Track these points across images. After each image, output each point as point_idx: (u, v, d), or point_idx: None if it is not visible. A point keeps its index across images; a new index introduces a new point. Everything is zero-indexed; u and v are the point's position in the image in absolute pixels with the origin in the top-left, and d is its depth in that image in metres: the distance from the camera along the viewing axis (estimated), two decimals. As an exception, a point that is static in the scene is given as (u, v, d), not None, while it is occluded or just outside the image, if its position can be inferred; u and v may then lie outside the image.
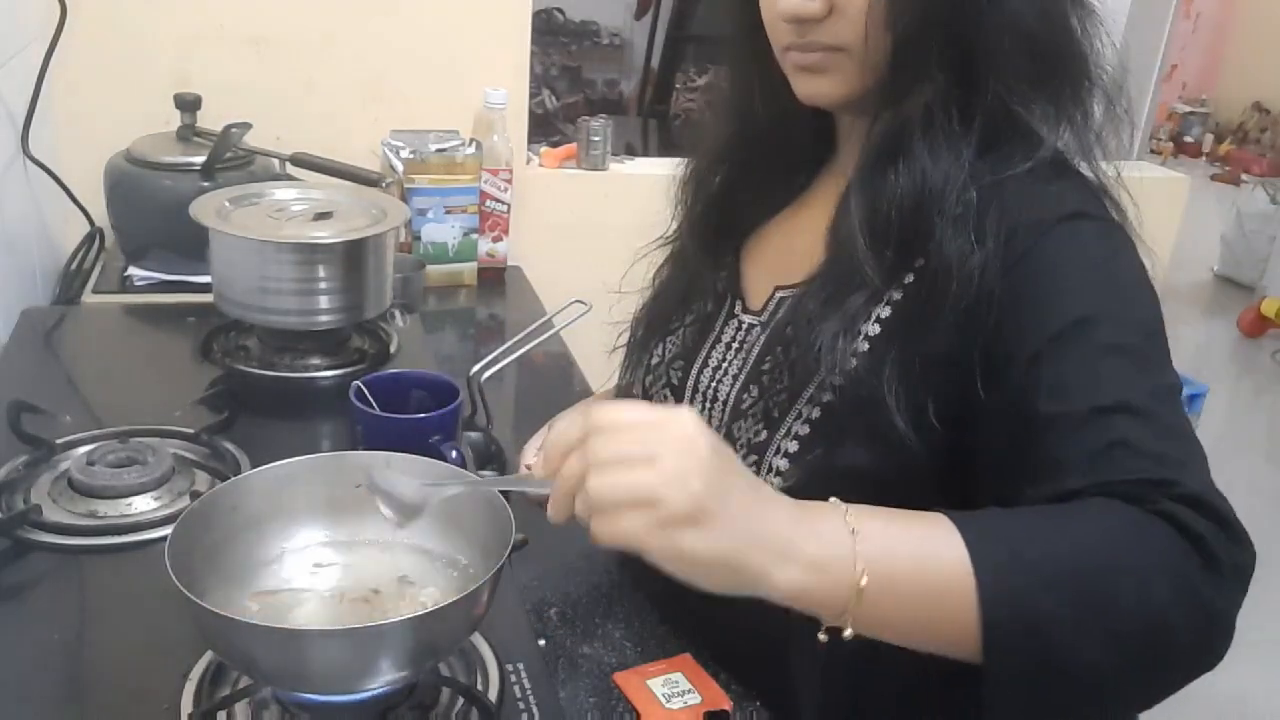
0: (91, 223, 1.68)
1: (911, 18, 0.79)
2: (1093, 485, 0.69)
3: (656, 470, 0.61)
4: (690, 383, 0.96)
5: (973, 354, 0.77)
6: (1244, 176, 6.90)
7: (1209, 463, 0.72)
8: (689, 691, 0.87)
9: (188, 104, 1.59)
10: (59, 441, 1.09)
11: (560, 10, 4.83)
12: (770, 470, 0.86)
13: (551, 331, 1.16)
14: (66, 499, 1.03)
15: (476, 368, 1.12)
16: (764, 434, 0.87)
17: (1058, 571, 0.65)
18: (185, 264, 1.55)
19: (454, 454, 1.02)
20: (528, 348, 1.13)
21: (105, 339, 1.46)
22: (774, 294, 0.93)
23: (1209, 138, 7.87)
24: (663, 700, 0.86)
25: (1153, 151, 7.23)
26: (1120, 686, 0.67)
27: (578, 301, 1.15)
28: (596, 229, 2.00)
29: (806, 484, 0.83)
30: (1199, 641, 0.66)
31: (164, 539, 0.75)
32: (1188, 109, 7.92)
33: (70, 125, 1.72)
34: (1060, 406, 0.72)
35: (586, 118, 2.07)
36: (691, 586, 0.65)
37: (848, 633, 0.65)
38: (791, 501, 0.67)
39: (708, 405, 0.94)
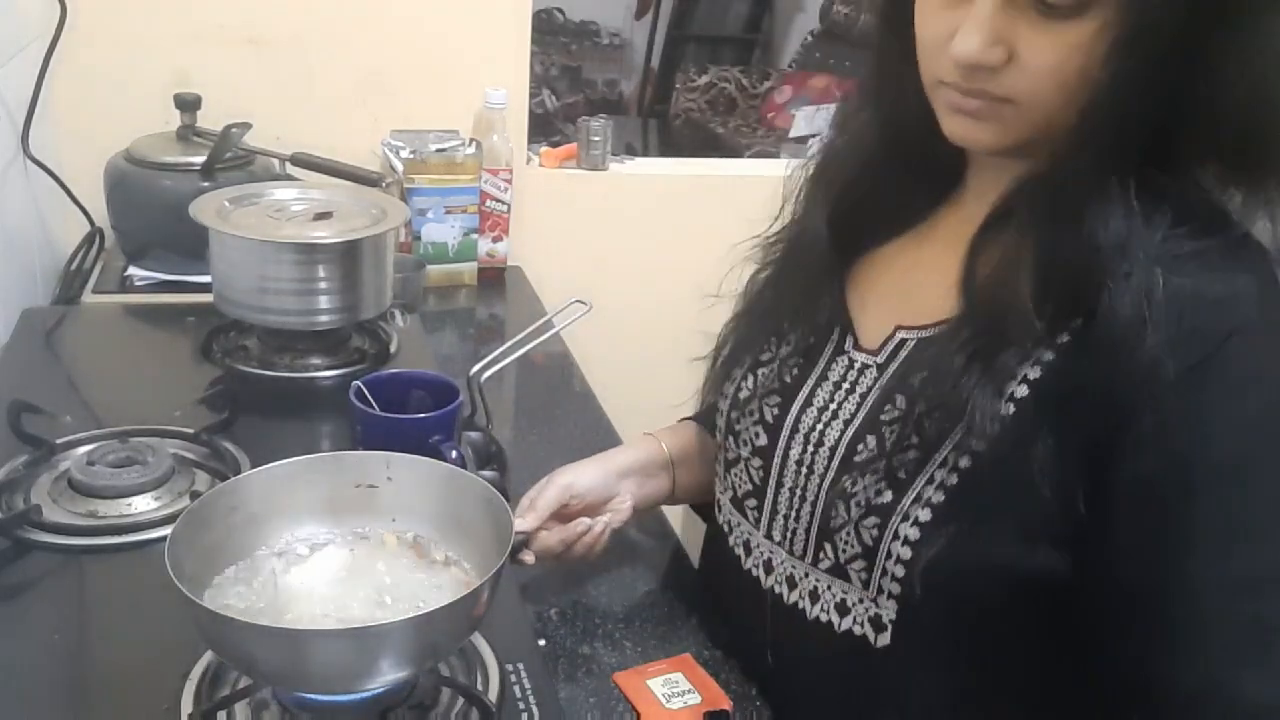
0: (91, 223, 1.67)
1: (1106, 84, 0.70)
2: None
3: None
4: (789, 421, 0.88)
5: (1101, 447, 0.72)
6: (1244, 176, 6.88)
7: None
8: (689, 691, 0.87)
9: (188, 104, 1.59)
10: (59, 441, 1.09)
11: (560, 10, 4.83)
12: (898, 539, 0.78)
13: (551, 331, 1.16)
14: (66, 499, 1.03)
15: (476, 368, 1.12)
16: (889, 495, 0.79)
17: None
18: (185, 264, 1.55)
19: (454, 454, 1.02)
20: (528, 348, 1.13)
21: (105, 339, 1.46)
22: (895, 333, 0.85)
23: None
24: (663, 700, 0.86)
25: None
26: None
27: (578, 301, 1.15)
28: (596, 229, 2.00)
29: (944, 561, 0.76)
30: None
31: (164, 539, 0.75)
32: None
33: (70, 125, 1.72)
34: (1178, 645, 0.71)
35: (586, 118, 2.07)
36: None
37: None
38: None
39: (811, 449, 0.86)
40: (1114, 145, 0.72)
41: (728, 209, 1.06)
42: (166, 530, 0.79)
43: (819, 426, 0.86)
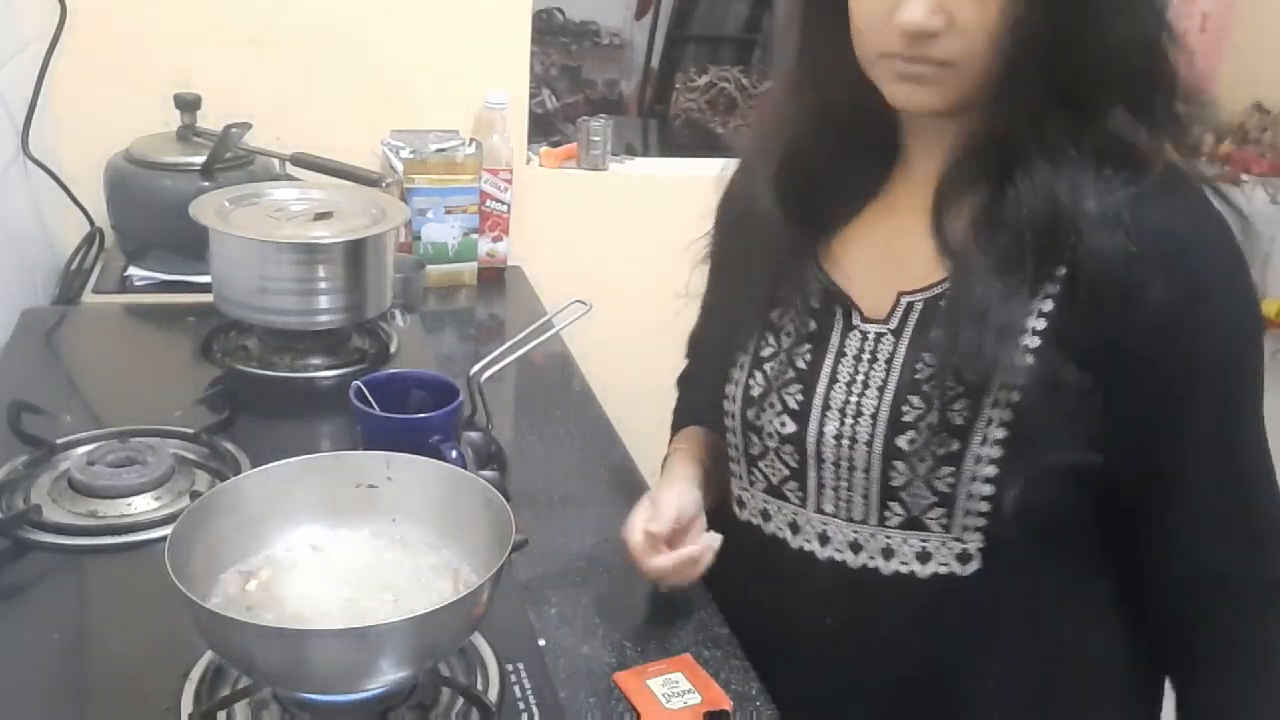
0: (91, 223, 1.68)
1: (1023, 37, 0.79)
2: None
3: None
4: (818, 401, 0.90)
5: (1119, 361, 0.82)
6: (1244, 176, 6.88)
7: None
8: (689, 691, 0.87)
9: (188, 104, 1.59)
10: (59, 441, 1.09)
11: (560, 10, 4.83)
12: (976, 479, 0.84)
13: (551, 331, 1.16)
14: (66, 499, 1.03)
15: (476, 368, 1.12)
16: (955, 444, 0.84)
17: None
18: (185, 264, 1.55)
19: (454, 454, 1.02)
20: (528, 348, 1.13)
21: (105, 339, 1.46)
22: (899, 300, 0.89)
23: (1209, 138, 7.87)
24: (663, 700, 0.86)
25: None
26: None
27: (578, 301, 1.15)
28: (596, 229, 2.00)
29: (1030, 485, 0.83)
30: None
31: (164, 539, 0.75)
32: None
33: (70, 125, 1.72)
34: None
35: (586, 118, 2.07)
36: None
37: None
38: None
39: (849, 421, 0.89)
40: (1035, 90, 0.81)
41: (728, 209, 1.06)
42: (166, 530, 0.79)
43: (853, 399, 0.89)
